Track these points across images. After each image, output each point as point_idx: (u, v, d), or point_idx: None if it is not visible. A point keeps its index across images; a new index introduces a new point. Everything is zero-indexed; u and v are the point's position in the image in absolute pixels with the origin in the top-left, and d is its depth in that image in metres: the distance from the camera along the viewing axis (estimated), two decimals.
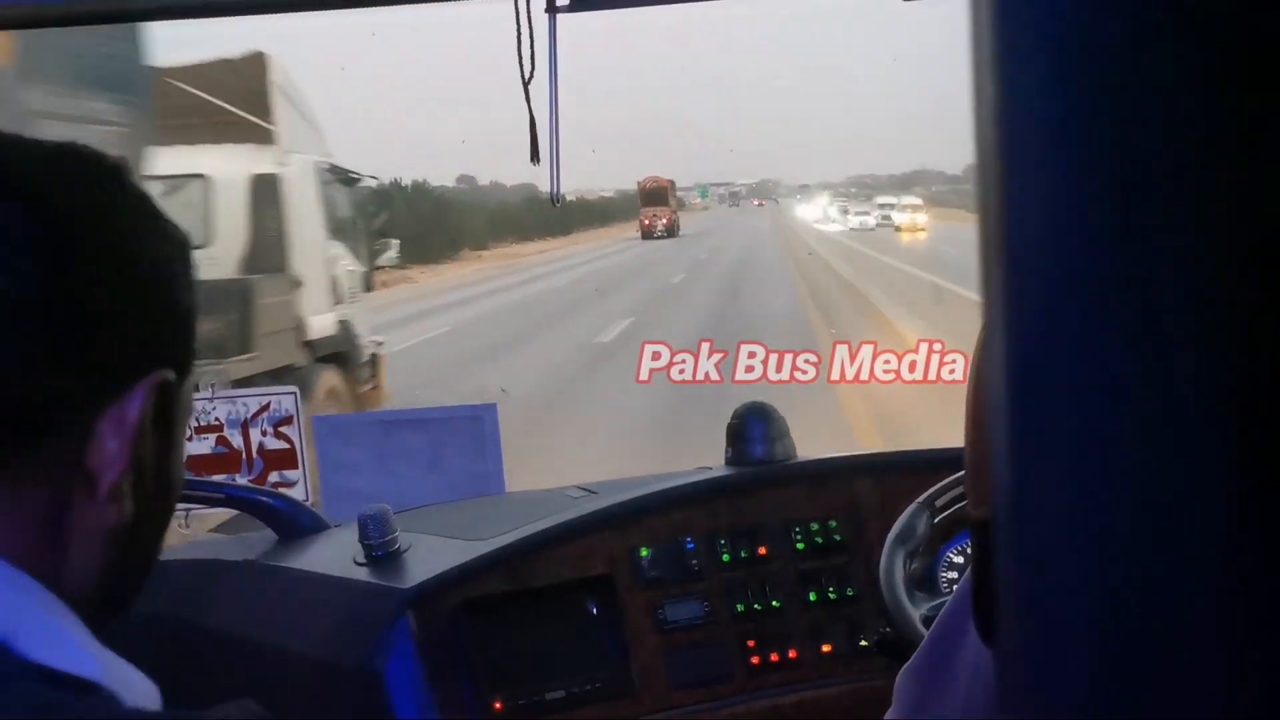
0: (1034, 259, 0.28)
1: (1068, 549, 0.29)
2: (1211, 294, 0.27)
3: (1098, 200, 0.27)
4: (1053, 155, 0.28)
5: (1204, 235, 0.27)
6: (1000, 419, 0.30)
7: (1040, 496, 0.29)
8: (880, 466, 2.02)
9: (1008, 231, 0.29)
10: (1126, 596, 0.28)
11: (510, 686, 1.67)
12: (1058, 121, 0.28)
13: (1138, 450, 0.27)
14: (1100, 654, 0.29)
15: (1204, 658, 0.28)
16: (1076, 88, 0.27)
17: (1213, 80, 0.26)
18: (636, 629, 1.78)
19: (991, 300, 0.30)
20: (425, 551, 1.79)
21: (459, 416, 2.30)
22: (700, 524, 1.88)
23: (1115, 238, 0.27)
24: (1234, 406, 0.27)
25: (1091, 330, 0.28)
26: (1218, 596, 0.27)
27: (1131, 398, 0.27)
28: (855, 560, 1.91)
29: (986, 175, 0.30)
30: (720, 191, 72.08)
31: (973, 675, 0.78)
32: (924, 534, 1.67)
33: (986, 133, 0.29)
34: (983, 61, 0.29)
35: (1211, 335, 0.27)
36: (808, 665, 1.84)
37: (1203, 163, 0.27)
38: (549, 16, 1.50)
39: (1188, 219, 0.27)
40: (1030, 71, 0.28)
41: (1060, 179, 0.28)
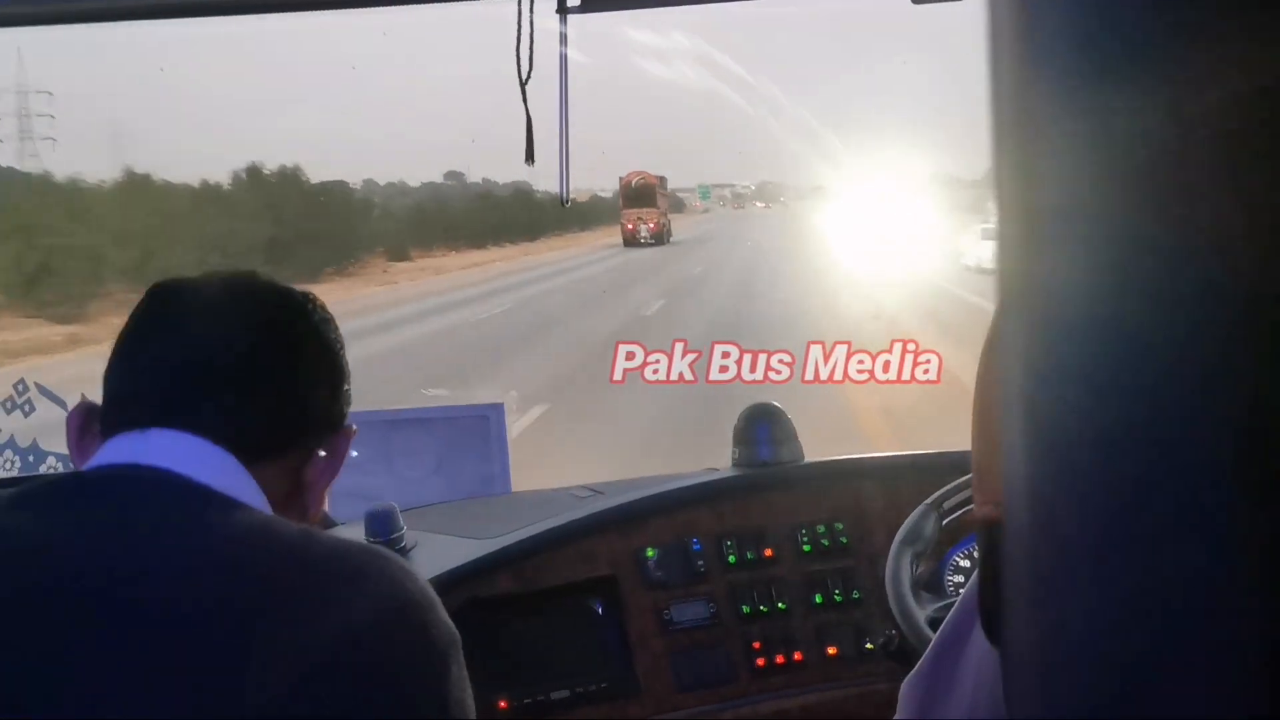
0: (1049, 261, 0.28)
1: (1076, 549, 0.29)
2: (1226, 297, 0.27)
3: (1113, 203, 0.27)
4: (1070, 157, 0.28)
5: (1219, 237, 0.27)
6: (1012, 420, 0.30)
7: (1051, 496, 0.29)
8: (886, 469, 2.01)
9: (1023, 234, 0.29)
10: (1133, 596, 0.28)
11: (515, 686, 1.67)
12: (1075, 123, 0.28)
13: (1148, 452, 0.27)
14: (1107, 653, 0.29)
15: (1211, 657, 0.28)
16: (1094, 89, 0.27)
17: (1230, 79, 0.26)
18: (641, 630, 1.78)
19: (1005, 301, 0.30)
20: (431, 550, 1.79)
21: (466, 416, 2.29)
22: (706, 525, 1.88)
23: (1129, 240, 0.27)
24: (1246, 409, 0.27)
25: (1106, 331, 0.28)
26: (1225, 597, 0.27)
27: (1143, 400, 0.27)
28: (861, 563, 1.91)
29: (1003, 177, 0.30)
30: (724, 193, 68.16)
31: (977, 681, 0.78)
32: (931, 536, 1.67)
33: (1004, 134, 0.29)
34: (1000, 62, 0.29)
35: (1226, 338, 0.27)
36: (813, 668, 1.84)
37: (1221, 165, 0.27)
38: (559, 17, 1.51)
39: (1203, 221, 0.27)
40: (1048, 72, 0.28)
41: (1077, 180, 0.28)
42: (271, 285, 0.96)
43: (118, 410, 0.88)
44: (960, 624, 0.83)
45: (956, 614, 0.85)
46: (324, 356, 0.95)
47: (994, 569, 0.70)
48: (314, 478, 0.94)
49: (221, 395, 0.88)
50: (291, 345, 0.93)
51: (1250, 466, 0.27)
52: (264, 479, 0.88)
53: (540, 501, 1.99)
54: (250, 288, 0.95)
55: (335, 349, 0.97)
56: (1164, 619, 0.28)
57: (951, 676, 0.82)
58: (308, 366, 0.93)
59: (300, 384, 0.92)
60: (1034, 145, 0.29)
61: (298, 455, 0.92)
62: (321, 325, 0.96)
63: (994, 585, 0.71)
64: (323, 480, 0.95)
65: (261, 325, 0.92)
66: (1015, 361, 0.30)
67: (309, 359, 0.94)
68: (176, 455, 0.84)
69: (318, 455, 0.93)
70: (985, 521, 0.71)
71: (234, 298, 0.93)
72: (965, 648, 0.81)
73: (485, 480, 2.22)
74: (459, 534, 1.84)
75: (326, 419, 0.95)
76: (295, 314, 0.95)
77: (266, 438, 0.89)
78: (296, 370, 0.92)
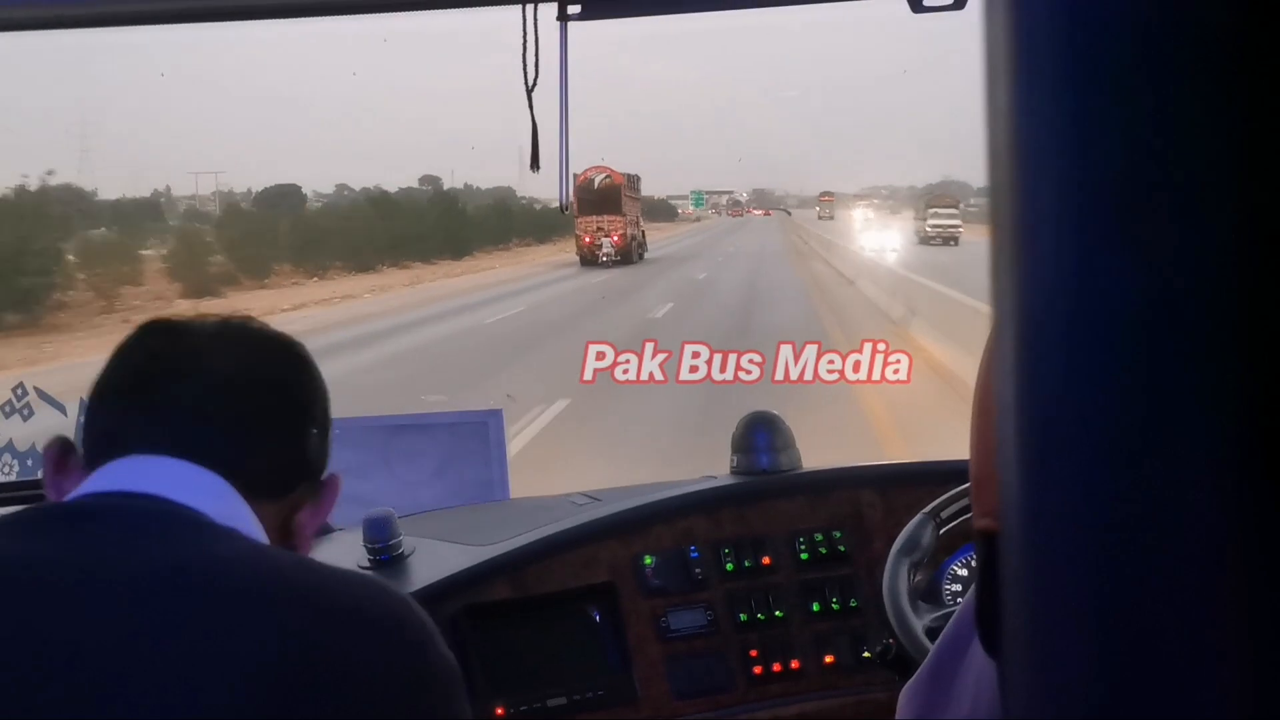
0: (1044, 267, 0.29)
1: (1075, 558, 0.29)
2: (1221, 302, 0.27)
3: (1108, 210, 0.27)
4: (1064, 164, 0.28)
5: (1212, 244, 0.27)
6: (1008, 428, 0.30)
7: (1048, 506, 0.29)
8: (885, 477, 2.01)
9: (1019, 240, 0.29)
10: (1133, 606, 0.28)
11: (512, 692, 1.67)
12: (1069, 131, 0.28)
13: (1146, 459, 0.27)
14: (1106, 664, 0.29)
15: (1210, 667, 0.28)
16: (1088, 97, 0.27)
17: (1224, 89, 0.26)
18: (639, 637, 1.78)
19: (1001, 308, 0.30)
20: (429, 556, 1.79)
21: (465, 422, 2.29)
22: (704, 533, 1.88)
23: (1124, 247, 0.27)
24: (1242, 415, 0.27)
25: (1100, 338, 0.28)
26: (1224, 606, 0.27)
27: (1140, 407, 0.27)
28: (859, 571, 1.90)
29: (999, 183, 0.30)
30: (720, 200, 64.52)
31: (976, 694, 0.78)
32: (928, 546, 1.67)
33: (999, 141, 0.29)
34: (996, 71, 0.30)
35: (1220, 344, 0.27)
36: (810, 676, 1.84)
37: (1213, 172, 0.27)
38: (560, 25, 1.51)
39: (1197, 228, 0.27)
40: (1043, 81, 0.28)
41: (1071, 188, 0.28)
42: (265, 330, 0.98)
43: (107, 443, 0.87)
44: (959, 637, 0.83)
45: (955, 626, 0.85)
46: (317, 403, 0.97)
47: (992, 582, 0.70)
48: (304, 522, 0.95)
49: (224, 435, 0.88)
50: (290, 390, 0.95)
51: (1251, 475, 0.27)
52: (261, 517, 0.89)
53: (538, 508, 1.99)
54: (246, 332, 0.96)
55: (325, 395, 0.99)
56: (1165, 631, 0.28)
57: (950, 689, 0.82)
58: (304, 412, 0.95)
59: (298, 429, 0.94)
60: (1027, 151, 0.29)
61: (291, 500, 0.94)
62: (314, 371, 0.99)
63: (992, 598, 0.71)
64: (311, 525, 0.96)
65: (261, 369, 0.94)
66: (1010, 370, 0.30)
67: (305, 404, 0.96)
68: (175, 483, 0.84)
69: (309, 502, 0.95)
70: (983, 533, 0.71)
71: (233, 341, 0.94)
72: (964, 659, 0.81)
73: (484, 486, 2.21)
74: (457, 540, 1.84)
75: (319, 464, 0.97)
76: (293, 359, 0.97)
77: (266, 478, 0.91)
78: (295, 415, 0.94)
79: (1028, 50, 0.29)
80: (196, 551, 0.80)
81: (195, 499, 0.84)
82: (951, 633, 0.85)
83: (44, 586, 0.77)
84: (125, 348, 0.93)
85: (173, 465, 0.86)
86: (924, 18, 1.59)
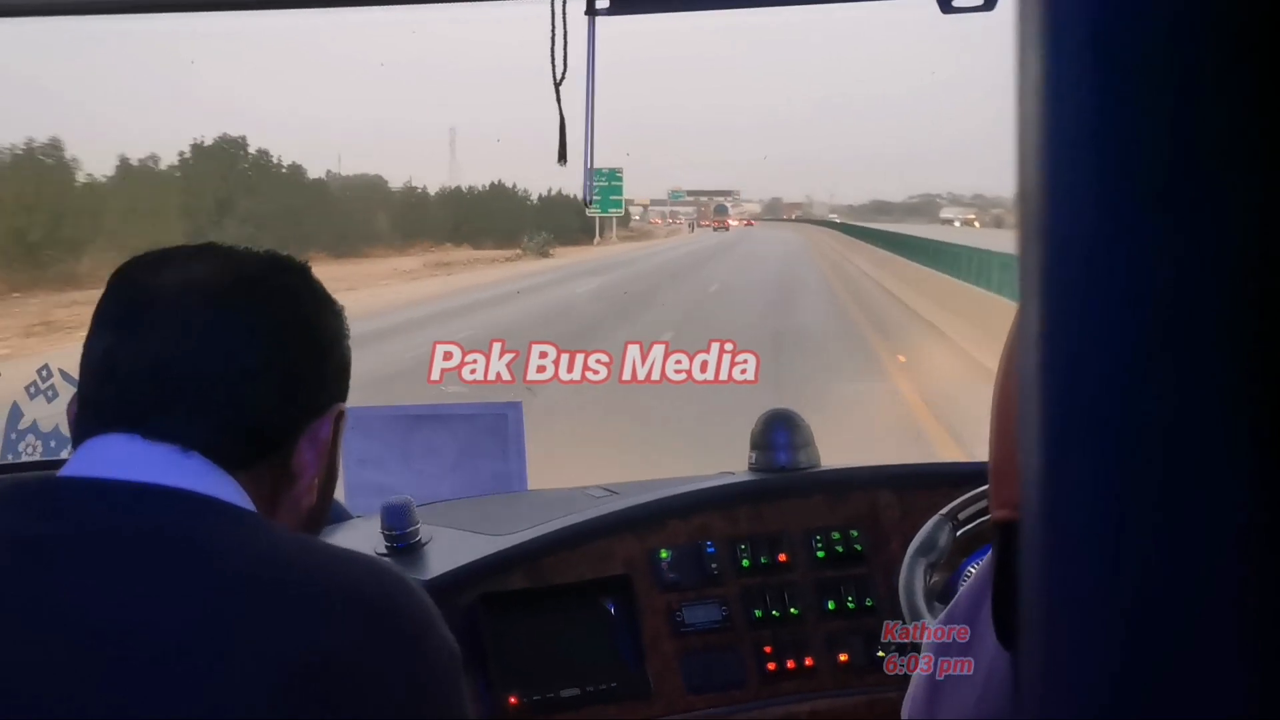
0: (1070, 263, 0.29)
1: (1095, 550, 0.29)
2: (1246, 298, 0.27)
3: (1134, 206, 0.28)
4: (1091, 162, 0.28)
5: (1239, 240, 0.27)
6: (1031, 420, 0.30)
7: (1068, 497, 0.29)
8: (903, 478, 2.01)
9: (1045, 236, 0.29)
10: (1152, 599, 0.28)
11: (525, 682, 1.68)
12: (1097, 127, 0.28)
13: (1167, 453, 0.28)
14: (1124, 656, 0.29)
15: (1229, 662, 0.28)
16: (1118, 96, 0.28)
17: (1255, 88, 0.27)
18: (653, 631, 1.78)
19: (1027, 303, 0.30)
20: (446, 545, 1.80)
21: (484, 414, 2.30)
22: (721, 528, 1.88)
23: (1151, 243, 0.28)
24: (1266, 410, 0.27)
25: (1126, 334, 0.28)
26: (1245, 601, 0.28)
27: (1163, 401, 0.28)
28: (875, 571, 1.90)
29: (1026, 181, 0.30)
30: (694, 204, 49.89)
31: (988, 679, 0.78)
32: (945, 547, 1.67)
33: (1028, 140, 0.30)
34: (1027, 71, 0.30)
35: (1245, 338, 0.27)
36: (823, 674, 1.84)
37: (1241, 171, 0.27)
38: (588, 19, 1.51)
39: (1224, 225, 0.27)
40: (1073, 80, 0.28)
41: (1097, 185, 0.28)
42: (245, 261, 0.89)
43: (92, 413, 0.84)
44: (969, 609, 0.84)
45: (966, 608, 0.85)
46: (308, 334, 0.88)
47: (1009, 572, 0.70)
48: (302, 466, 0.88)
49: (201, 397, 0.82)
50: (274, 331, 0.86)
51: (1276, 469, 0.27)
52: (250, 479, 0.83)
53: (556, 500, 2.00)
54: (222, 270, 0.87)
55: (321, 322, 0.90)
56: (1185, 625, 0.28)
57: (958, 680, 0.82)
58: (291, 350, 0.87)
59: (287, 369, 0.86)
60: (1056, 148, 0.29)
61: (283, 451, 0.87)
62: (303, 296, 0.90)
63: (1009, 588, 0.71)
64: (312, 469, 0.89)
65: (238, 312, 0.85)
66: (1033, 361, 0.30)
67: (294, 341, 0.87)
68: (152, 465, 0.80)
69: (304, 443, 0.88)
70: (1001, 525, 0.71)
71: (206, 285, 0.86)
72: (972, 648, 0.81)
73: (502, 478, 2.22)
74: (474, 530, 1.85)
75: (313, 405, 0.89)
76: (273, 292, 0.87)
77: (251, 438, 0.84)
78: (278, 357, 0.86)
79: (1056, 51, 0.29)
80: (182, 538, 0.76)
81: (176, 478, 0.80)
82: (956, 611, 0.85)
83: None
84: (100, 300, 0.87)
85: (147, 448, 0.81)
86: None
